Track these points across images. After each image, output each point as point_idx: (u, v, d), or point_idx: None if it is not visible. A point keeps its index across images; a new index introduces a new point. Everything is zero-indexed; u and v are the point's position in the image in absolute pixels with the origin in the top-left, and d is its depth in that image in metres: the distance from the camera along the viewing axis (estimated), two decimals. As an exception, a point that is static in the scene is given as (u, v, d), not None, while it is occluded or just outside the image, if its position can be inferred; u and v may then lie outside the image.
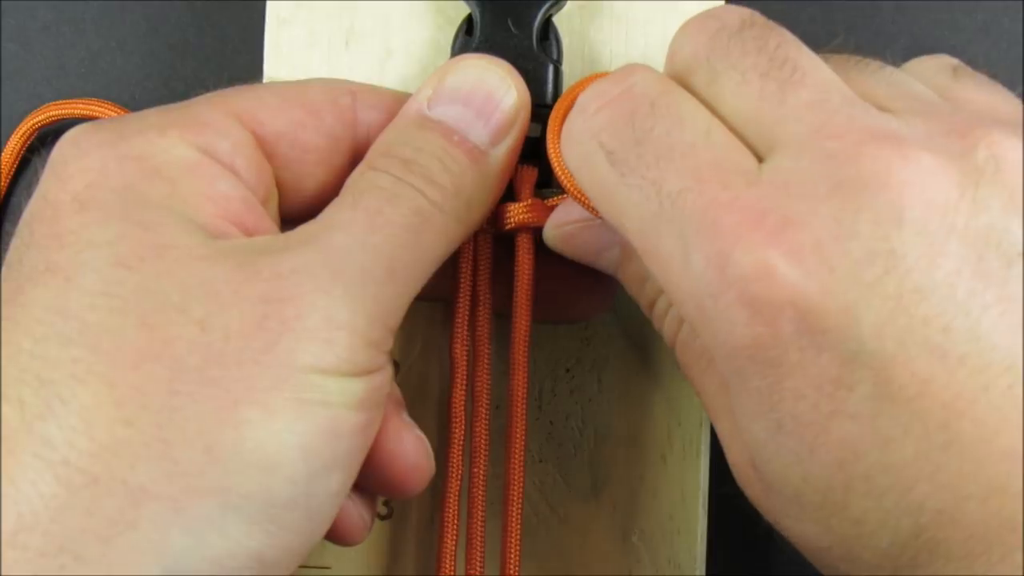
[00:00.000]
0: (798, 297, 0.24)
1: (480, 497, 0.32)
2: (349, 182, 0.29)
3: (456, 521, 0.32)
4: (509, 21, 0.32)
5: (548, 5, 0.32)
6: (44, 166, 0.28)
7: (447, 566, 0.32)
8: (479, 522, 0.32)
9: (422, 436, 0.30)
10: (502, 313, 0.33)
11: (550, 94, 0.32)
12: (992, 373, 0.23)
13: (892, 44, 0.39)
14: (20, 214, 0.28)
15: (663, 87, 0.28)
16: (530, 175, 0.32)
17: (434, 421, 0.34)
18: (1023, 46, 0.39)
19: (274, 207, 0.30)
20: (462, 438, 0.32)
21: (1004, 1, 0.39)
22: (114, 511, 0.24)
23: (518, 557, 0.32)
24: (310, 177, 0.30)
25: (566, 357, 0.35)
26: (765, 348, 0.25)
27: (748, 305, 0.24)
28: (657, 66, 0.29)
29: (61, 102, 0.38)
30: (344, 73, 0.35)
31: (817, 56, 0.27)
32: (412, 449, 0.29)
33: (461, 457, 0.32)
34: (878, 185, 0.24)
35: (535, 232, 0.32)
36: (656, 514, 0.34)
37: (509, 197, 0.32)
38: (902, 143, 0.25)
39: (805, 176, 0.25)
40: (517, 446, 0.32)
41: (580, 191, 0.29)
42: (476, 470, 0.32)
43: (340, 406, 0.26)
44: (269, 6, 0.35)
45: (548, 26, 0.33)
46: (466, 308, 0.32)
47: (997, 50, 0.39)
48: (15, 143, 0.39)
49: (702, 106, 0.27)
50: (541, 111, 0.31)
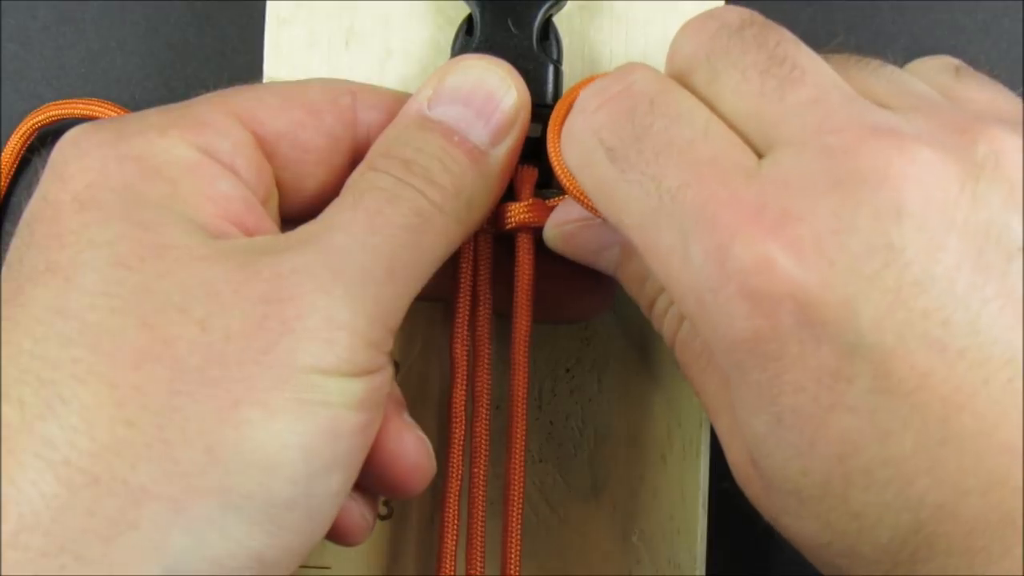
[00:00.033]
0: (797, 290, 0.24)
1: (480, 497, 0.32)
2: (349, 182, 0.29)
3: (456, 521, 0.32)
4: (509, 21, 0.32)
5: (548, 5, 0.32)
6: (44, 166, 0.28)
7: (447, 566, 0.32)
8: (479, 522, 0.32)
9: (423, 436, 0.30)
10: (502, 313, 0.33)
11: (550, 94, 0.32)
12: (992, 367, 0.24)
13: (892, 44, 0.39)
14: (20, 214, 0.28)
15: (662, 85, 0.28)
16: (530, 175, 0.32)
17: (434, 421, 0.34)
18: (1023, 46, 0.39)
19: (274, 207, 0.30)
20: (462, 438, 0.32)
21: (1004, 1, 0.39)
22: (115, 511, 0.24)
23: (518, 557, 0.32)
24: (310, 177, 0.30)
25: (566, 357, 0.35)
26: (765, 341, 0.25)
27: (748, 298, 0.25)
28: (657, 66, 0.29)
29: (61, 102, 0.38)
30: (344, 73, 0.35)
31: (816, 54, 0.27)
32: (413, 449, 0.29)
33: (461, 457, 0.32)
34: (877, 179, 0.24)
35: (535, 232, 0.32)
36: (656, 514, 0.34)
37: (509, 197, 0.32)
38: (902, 138, 0.25)
39: (804, 171, 0.25)
40: (517, 446, 0.32)
41: (580, 190, 0.29)
42: (476, 470, 0.32)
43: (340, 406, 0.26)
44: (269, 6, 0.35)
45: (548, 26, 0.33)
46: (466, 308, 0.32)
47: (997, 50, 0.39)
48: (15, 143, 0.39)
49: (701, 103, 0.27)
50: (541, 111, 0.31)
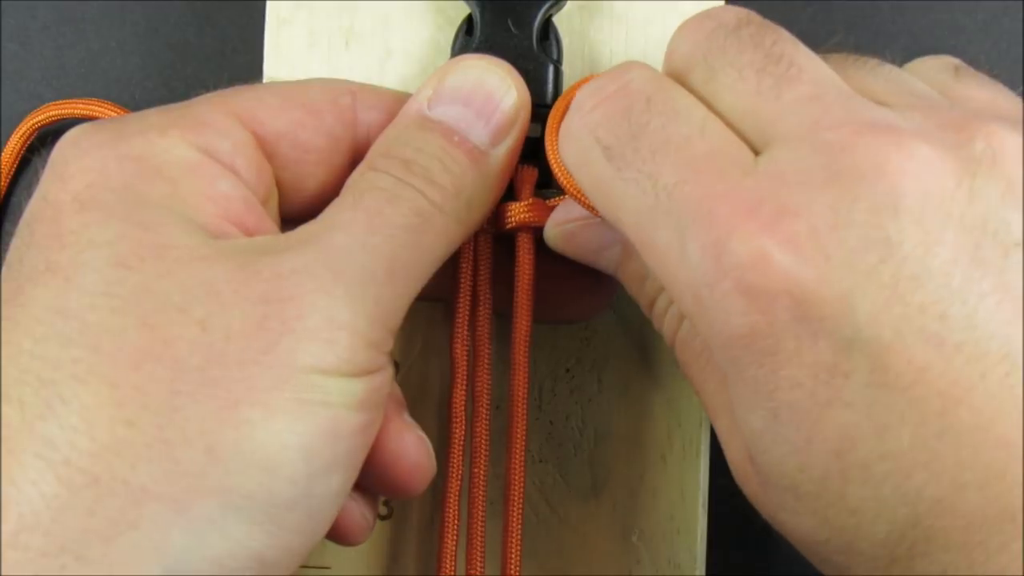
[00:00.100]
0: (794, 285, 0.24)
1: (480, 497, 0.32)
2: (349, 182, 0.29)
3: (456, 521, 0.32)
4: (509, 21, 0.32)
5: (548, 5, 0.32)
6: (44, 166, 0.28)
7: (447, 566, 0.32)
8: (479, 522, 0.32)
9: (423, 436, 0.30)
10: (502, 313, 0.33)
11: (550, 94, 0.32)
12: (989, 361, 0.23)
13: (892, 44, 0.39)
14: (20, 214, 0.28)
15: (659, 83, 0.28)
16: (530, 175, 0.32)
17: (434, 421, 0.34)
18: (1023, 46, 0.39)
19: (274, 207, 0.30)
20: (462, 438, 0.32)
21: (1004, 1, 0.39)
22: (115, 511, 0.24)
23: (519, 557, 0.32)
24: (310, 177, 0.30)
25: (566, 357, 0.35)
26: (761, 336, 0.25)
27: (744, 293, 0.24)
28: (657, 66, 0.29)
29: (61, 102, 0.38)
30: (344, 73, 0.35)
31: (813, 53, 0.27)
32: (413, 449, 0.29)
33: (461, 457, 0.32)
34: (874, 174, 0.24)
35: (536, 232, 0.32)
36: (656, 514, 0.34)
37: (509, 197, 0.32)
38: (899, 134, 0.25)
39: (801, 166, 0.25)
40: (517, 446, 0.32)
41: (578, 189, 0.29)
42: (476, 470, 0.32)
43: (341, 406, 0.26)
44: (269, 6, 0.35)
45: (548, 26, 0.33)
46: (466, 308, 0.32)
47: (997, 50, 0.39)
48: (15, 143, 0.39)
49: (698, 101, 0.27)
50: (541, 111, 0.31)
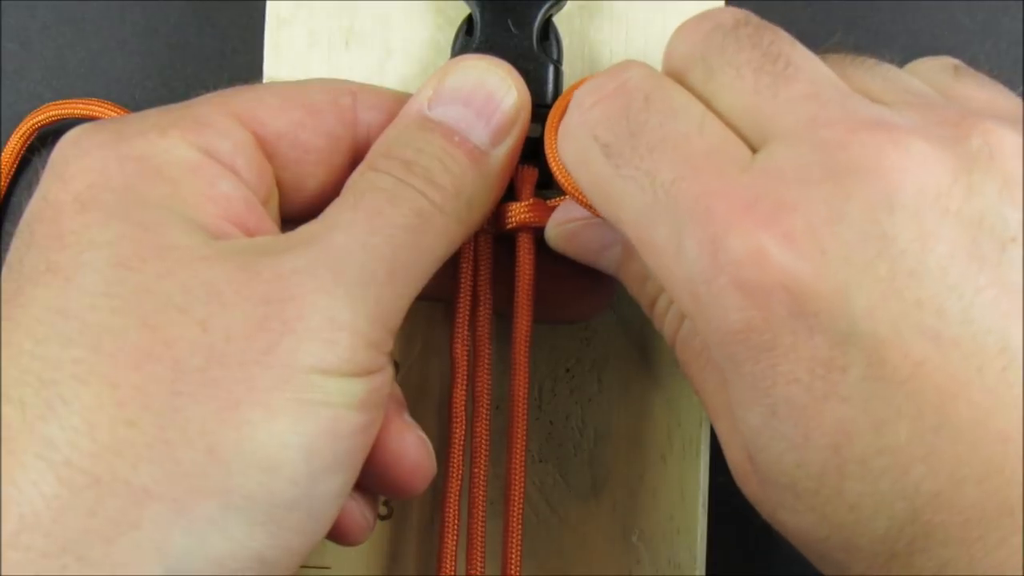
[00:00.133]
0: (790, 280, 0.24)
1: (480, 497, 0.32)
2: (350, 183, 0.29)
3: (456, 521, 0.32)
4: (509, 21, 0.32)
5: (548, 5, 0.32)
6: (44, 166, 0.28)
7: (447, 566, 0.32)
8: (479, 522, 0.32)
9: (423, 436, 0.30)
10: (502, 313, 0.33)
11: (550, 94, 0.32)
12: (986, 355, 0.23)
13: (891, 44, 0.39)
14: (20, 214, 0.28)
15: (657, 81, 0.28)
16: (531, 175, 0.32)
17: (435, 421, 0.34)
18: (1023, 46, 0.39)
19: (275, 207, 0.30)
20: (463, 438, 0.32)
21: (1004, 1, 0.39)
22: (116, 512, 0.24)
23: (519, 557, 0.32)
24: (310, 177, 0.30)
25: (566, 357, 0.35)
26: (758, 332, 0.25)
27: (741, 289, 0.25)
28: (657, 67, 0.29)
29: (61, 102, 0.38)
30: (344, 73, 0.35)
31: (811, 52, 0.27)
32: (414, 449, 0.29)
33: (462, 457, 0.32)
34: (870, 171, 0.24)
35: (536, 232, 0.32)
36: (656, 514, 0.34)
37: (510, 198, 0.32)
38: (895, 130, 0.25)
39: (798, 163, 0.25)
40: (518, 446, 0.32)
41: (577, 188, 0.29)
42: (476, 470, 0.32)
43: (341, 406, 0.26)
44: (269, 6, 0.35)
45: (548, 26, 0.33)
46: (467, 308, 0.32)
47: (997, 50, 0.39)
48: (15, 143, 0.39)
49: (696, 99, 0.28)
50: (541, 111, 0.31)
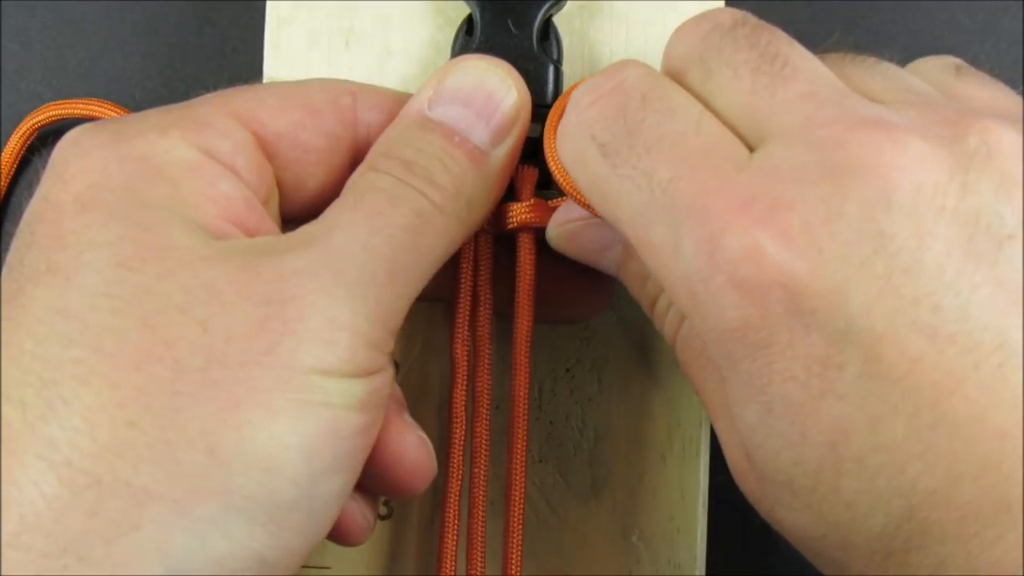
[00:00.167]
0: (787, 278, 0.24)
1: (481, 497, 0.32)
2: (350, 183, 0.29)
3: (456, 521, 0.32)
4: (509, 21, 0.32)
5: (548, 5, 0.32)
6: (44, 166, 0.28)
7: (448, 566, 0.32)
8: (480, 522, 0.32)
9: (424, 436, 0.30)
10: (502, 313, 0.33)
11: (551, 94, 0.32)
12: (982, 352, 0.23)
13: (891, 44, 0.39)
14: (20, 214, 0.28)
15: (654, 81, 0.28)
16: (531, 175, 0.32)
17: (435, 421, 0.34)
18: (1023, 46, 0.39)
19: (275, 207, 0.30)
20: (463, 438, 0.32)
21: (1004, 1, 0.39)
22: (117, 512, 0.24)
23: (519, 557, 0.32)
24: (311, 177, 0.30)
25: (566, 357, 0.35)
26: (755, 329, 0.25)
27: (737, 287, 0.25)
28: (656, 67, 0.29)
29: (61, 102, 0.38)
30: (344, 73, 0.35)
31: (809, 52, 0.27)
32: (414, 449, 0.29)
33: (462, 457, 0.32)
34: (866, 169, 0.24)
35: (536, 232, 0.32)
36: (656, 514, 0.34)
37: (510, 198, 0.32)
38: (892, 129, 0.25)
39: (795, 162, 0.25)
40: (518, 446, 0.32)
41: (575, 188, 0.29)
42: (477, 470, 0.32)
43: (341, 407, 0.26)
44: (269, 6, 0.35)
45: (548, 26, 0.33)
46: (467, 308, 0.32)
47: (997, 50, 0.39)
48: (15, 143, 0.39)
49: (693, 98, 0.28)
50: (542, 111, 0.31)
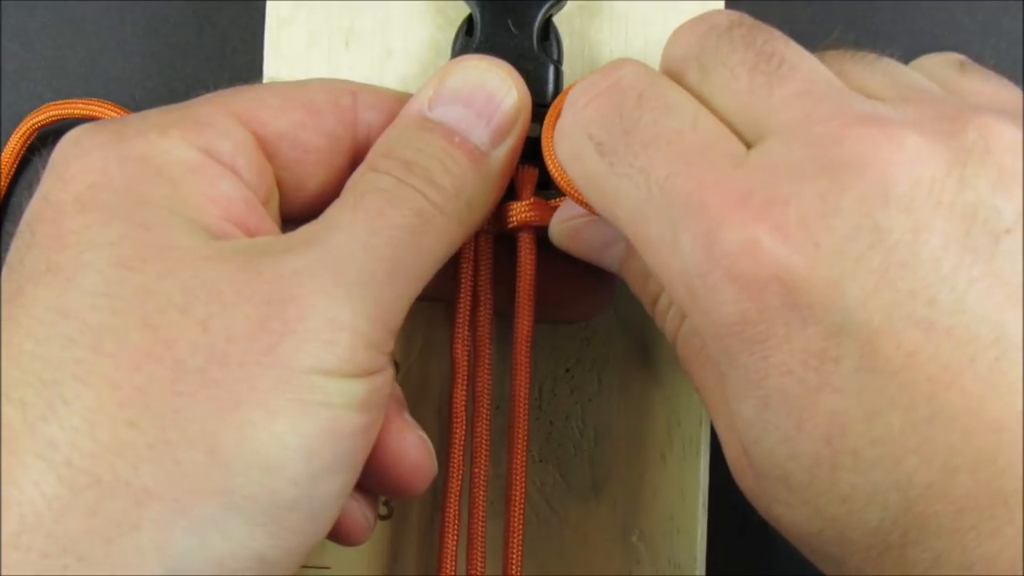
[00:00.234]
0: (783, 272, 0.24)
1: (481, 497, 0.32)
2: (350, 183, 0.29)
3: (457, 521, 0.32)
4: (509, 21, 0.32)
5: (548, 5, 0.32)
6: (45, 166, 0.28)
7: (448, 566, 0.32)
8: (480, 522, 0.32)
9: (424, 436, 0.30)
10: (502, 313, 0.33)
11: (551, 94, 0.32)
12: (979, 345, 0.23)
13: (892, 43, 0.39)
14: (20, 214, 0.28)
15: (651, 79, 0.28)
16: (531, 176, 0.32)
17: (435, 421, 0.34)
18: (1023, 46, 0.39)
19: (275, 207, 0.30)
20: (463, 438, 0.32)
21: (1004, 1, 0.39)
22: (117, 512, 0.24)
23: (519, 557, 0.32)
24: (311, 177, 0.30)
25: (566, 357, 0.35)
26: (752, 323, 0.25)
27: (735, 281, 0.25)
28: (656, 67, 0.29)
29: (61, 102, 0.38)
30: (344, 73, 0.35)
31: (806, 51, 0.27)
32: (414, 449, 0.29)
33: (462, 457, 0.32)
34: (864, 164, 0.24)
35: (537, 231, 0.32)
36: (656, 514, 0.34)
37: (510, 198, 0.32)
38: (889, 125, 0.25)
39: (792, 158, 0.25)
40: (519, 446, 0.32)
41: (573, 187, 0.29)
42: (477, 470, 0.32)
43: (341, 407, 0.26)
44: (269, 6, 0.35)
45: (548, 26, 0.33)
46: (467, 308, 0.32)
47: (997, 50, 0.39)
48: (15, 143, 0.39)
49: (690, 96, 0.28)
50: (542, 111, 0.31)
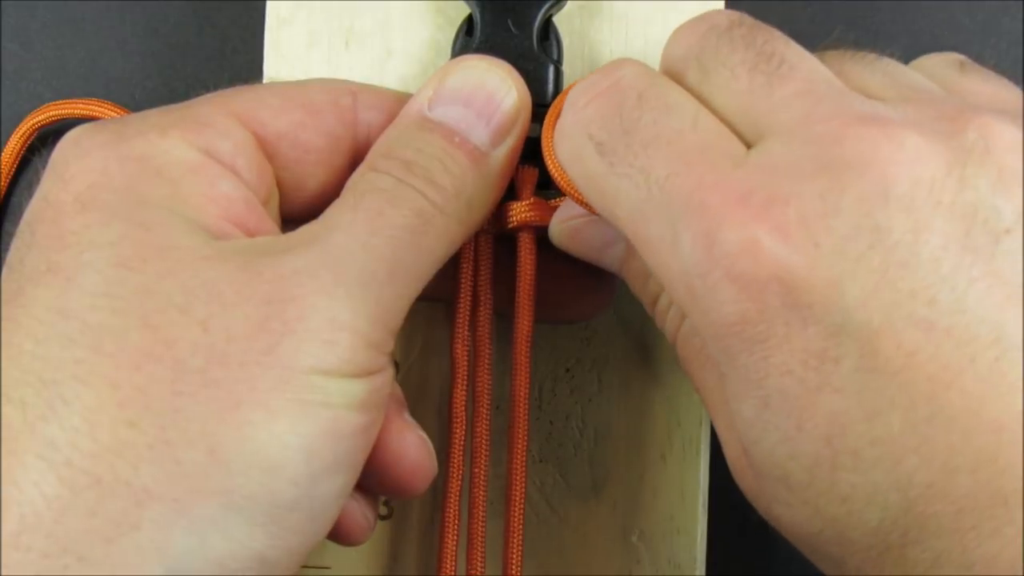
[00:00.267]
0: (783, 272, 0.24)
1: (481, 497, 0.32)
2: (350, 183, 0.29)
3: (457, 521, 0.32)
4: (509, 21, 0.32)
5: (548, 5, 0.32)
6: (45, 166, 0.28)
7: (448, 566, 0.32)
8: (480, 522, 0.32)
9: (424, 436, 0.30)
10: (502, 313, 0.33)
11: (551, 94, 0.32)
12: (979, 345, 0.23)
13: (892, 44, 0.39)
14: (20, 214, 0.28)
15: (651, 79, 0.28)
16: (531, 176, 0.32)
17: (435, 421, 0.34)
18: (1023, 46, 0.39)
19: (275, 207, 0.30)
20: (463, 438, 0.32)
21: (1004, 1, 0.39)
22: (117, 512, 0.24)
23: (519, 557, 0.32)
24: (311, 177, 0.30)
25: (566, 357, 0.35)
26: (752, 323, 0.25)
27: (735, 281, 0.25)
28: (656, 67, 0.29)
29: (61, 102, 0.38)
30: (344, 73, 0.35)
31: (806, 51, 0.27)
32: (414, 449, 0.29)
33: (462, 457, 0.32)
34: (863, 164, 0.24)
35: (537, 231, 0.32)
36: (656, 514, 0.34)
37: (510, 198, 0.32)
38: (889, 124, 0.25)
39: (791, 158, 0.25)
40: (519, 446, 0.32)
41: (573, 187, 0.29)
42: (477, 470, 0.32)
43: (342, 407, 0.26)
44: (269, 6, 0.35)
45: (548, 26, 0.33)
46: (467, 308, 0.32)
47: (997, 50, 0.39)
48: (15, 143, 0.39)
49: (690, 96, 0.28)
50: (542, 112, 0.31)
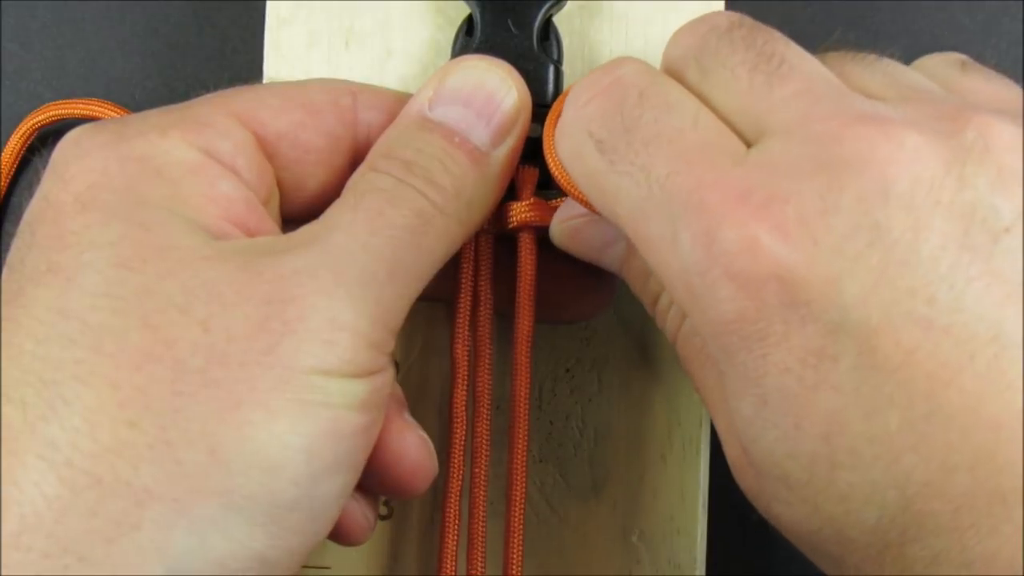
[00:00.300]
0: (782, 270, 0.24)
1: (481, 497, 0.32)
2: (350, 183, 0.29)
3: (457, 521, 0.32)
4: (509, 21, 0.32)
5: (548, 5, 0.32)
6: (44, 166, 0.28)
7: (448, 566, 0.32)
8: (480, 522, 0.32)
9: (424, 436, 0.30)
10: (503, 313, 0.33)
11: (551, 94, 0.32)
12: (978, 343, 0.23)
13: (892, 44, 0.39)
14: (20, 214, 0.28)
15: (652, 77, 0.28)
16: (531, 176, 0.32)
17: (435, 421, 0.34)
18: (1023, 46, 0.39)
19: (275, 207, 0.30)
20: (463, 438, 0.32)
21: (1004, 1, 0.39)
22: (118, 512, 0.24)
23: (520, 557, 0.32)
24: (311, 177, 0.30)
25: (566, 357, 0.35)
26: (751, 321, 0.25)
27: (734, 279, 0.25)
28: (656, 67, 0.29)
29: (61, 102, 0.38)
30: (344, 73, 0.35)
31: (806, 51, 0.27)
32: (415, 449, 0.29)
33: (462, 457, 0.32)
34: (862, 163, 0.24)
35: (537, 231, 0.32)
36: (656, 514, 0.34)
37: (510, 198, 0.32)
38: (888, 123, 0.25)
39: (791, 157, 0.25)
40: (519, 446, 0.32)
41: (574, 185, 0.29)
42: (477, 470, 0.32)
43: (342, 407, 0.26)
44: (269, 6, 0.35)
45: (548, 26, 0.33)
46: (467, 308, 0.32)
47: (997, 50, 0.39)
48: (15, 143, 0.39)
49: (691, 95, 0.28)
50: (542, 111, 0.31)
